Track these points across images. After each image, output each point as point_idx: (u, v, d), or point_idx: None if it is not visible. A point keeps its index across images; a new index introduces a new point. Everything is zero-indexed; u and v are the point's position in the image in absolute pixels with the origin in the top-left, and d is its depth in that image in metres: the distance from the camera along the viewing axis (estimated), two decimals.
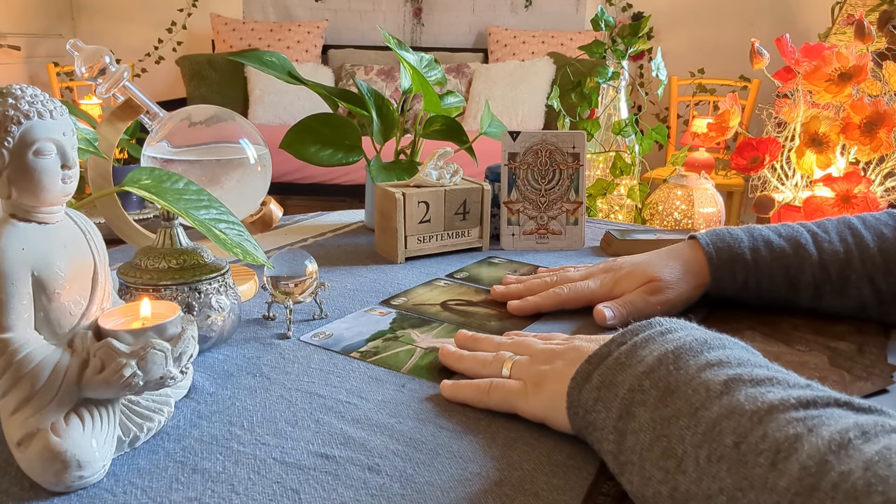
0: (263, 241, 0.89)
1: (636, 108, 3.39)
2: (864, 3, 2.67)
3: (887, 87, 1.12)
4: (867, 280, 0.61)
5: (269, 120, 3.55)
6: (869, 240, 0.62)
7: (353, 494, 0.39)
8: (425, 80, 0.87)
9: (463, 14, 4.04)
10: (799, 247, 0.63)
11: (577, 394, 0.42)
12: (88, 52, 0.63)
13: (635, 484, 0.37)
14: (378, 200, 0.83)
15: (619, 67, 1.38)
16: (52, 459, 0.37)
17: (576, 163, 0.87)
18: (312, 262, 0.62)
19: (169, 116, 0.70)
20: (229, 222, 0.55)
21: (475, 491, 0.39)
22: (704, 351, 0.39)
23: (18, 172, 0.38)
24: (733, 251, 0.64)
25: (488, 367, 0.51)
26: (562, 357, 0.47)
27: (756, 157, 1.18)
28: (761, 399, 0.34)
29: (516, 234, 0.88)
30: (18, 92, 0.38)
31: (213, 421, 0.46)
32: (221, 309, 0.55)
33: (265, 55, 0.86)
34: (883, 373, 0.54)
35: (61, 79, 3.85)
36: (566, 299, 0.66)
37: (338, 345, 0.58)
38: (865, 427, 0.30)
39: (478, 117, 3.47)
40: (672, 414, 0.36)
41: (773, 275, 0.63)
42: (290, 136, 0.87)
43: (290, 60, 0.89)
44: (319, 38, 3.90)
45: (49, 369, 0.38)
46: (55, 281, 0.39)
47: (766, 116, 1.28)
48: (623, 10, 3.79)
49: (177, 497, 0.38)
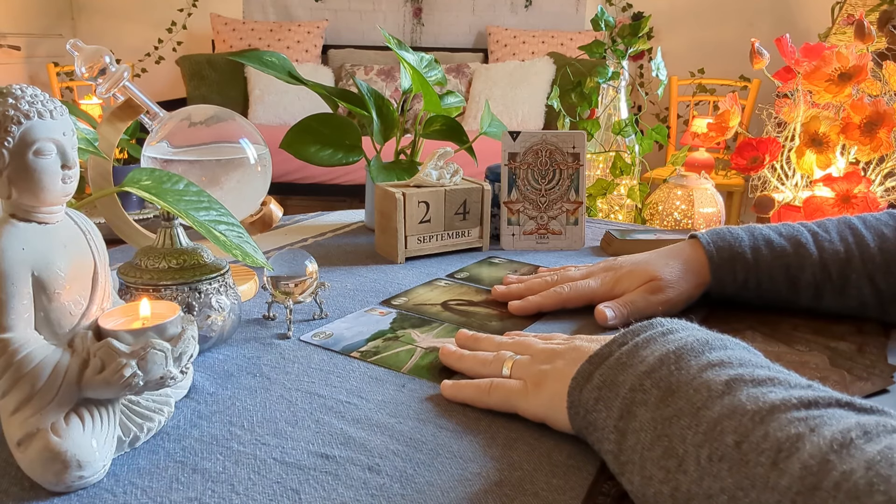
0: (263, 241, 0.89)
1: (636, 108, 3.39)
2: (864, 3, 2.67)
3: (887, 87, 1.12)
4: (867, 280, 0.61)
5: (269, 120, 3.55)
6: (869, 239, 0.62)
7: (353, 494, 0.39)
8: (425, 80, 0.87)
9: (463, 14, 4.04)
10: (799, 246, 0.63)
11: (578, 394, 0.42)
12: (88, 52, 0.63)
13: (636, 484, 0.37)
14: (378, 200, 0.83)
15: (619, 67, 1.37)
16: (52, 459, 0.37)
17: (576, 163, 0.87)
18: (312, 262, 0.62)
19: (169, 116, 0.70)
20: (229, 224, 0.55)
21: (475, 491, 0.39)
22: (706, 351, 0.39)
23: (18, 172, 0.38)
24: (734, 250, 0.64)
25: (489, 366, 0.51)
26: (562, 357, 0.47)
27: (756, 157, 1.18)
28: (763, 399, 0.34)
29: (516, 234, 0.88)
30: (18, 92, 0.38)
31: (214, 421, 0.46)
32: (221, 309, 0.55)
33: (265, 55, 0.86)
34: (883, 373, 0.54)
35: (61, 79, 3.85)
36: (567, 298, 0.66)
37: (338, 344, 0.58)
38: (867, 427, 0.30)
39: (478, 117, 3.47)
40: (673, 413, 0.36)
41: (774, 274, 0.63)
42: (290, 136, 0.88)
43: (290, 60, 0.89)
44: (319, 38, 3.90)
45: (49, 369, 0.38)
46: (55, 281, 0.39)
47: (766, 116, 1.28)
48: (623, 10, 3.79)
49: (177, 497, 0.38)
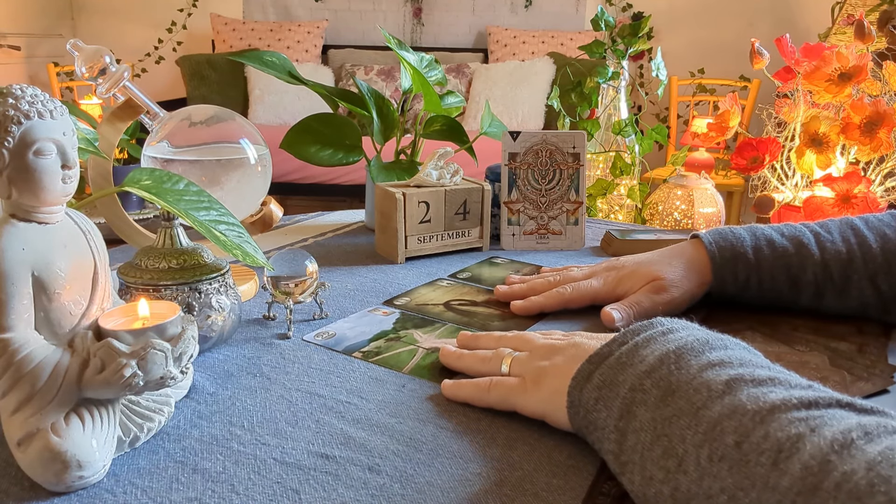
0: (263, 241, 0.89)
1: (636, 108, 3.39)
2: (864, 3, 2.67)
3: (887, 87, 1.12)
4: (869, 280, 0.61)
5: (269, 120, 3.55)
6: (871, 240, 0.62)
7: (353, 494, 0.39)
8: (425, 80, 0.87)
9: (463, 14, 4.04)
10: (801, 246, 0.63)
11: (578, 393, 0.42)
12: (88, 52, 0.63)
13: (636, 483, 0.37)
14: (378, 200, 0.83)
15: (619, 67, 1.37)
16: (53, 459, 0.37)
17: (576, 163, 0.87)
18: (313, 262, 0.62)
19: (169, 116, 0.70)
20: (229, 224, 0.55)
21: (475, 491, 0.39)
22: (706, 351, 0.39)
23: (18, 172, 0.38)
24: (736, 250, 0.64)
25: (487, 363, 0.51)
26: (562, 353, 0.47)
27: (756, 157, 1.18)
28: (763, 399, 0.34)
29: (516, 234, 0.88)
30: (18, 92, 0.38)
31: (214, 421, 0.46)
32: (221, 309, 0.55)
33: (265, 55, 0.86)
34: (883, 373, 0.54)
35: (61, 79, 3.85)
36: (570, 299, 0.66)
37: (340, 344, 0.58)
38: (868, 427, 0.30)
39: (478, 117, 3.47)
40: (673, 413, 0.36)
41: (775, 274, 0.63)
42: (290, 136, 0.87)
43: (290, 60, 0.89)
44: (319, 38, 3.90)
45: (49, 369, 0.38)
46: (55, 281, 0.39)
47: (766, 116, 1.28)
48: (623, 10, 3.79)
49: (177, 497, 0.38)
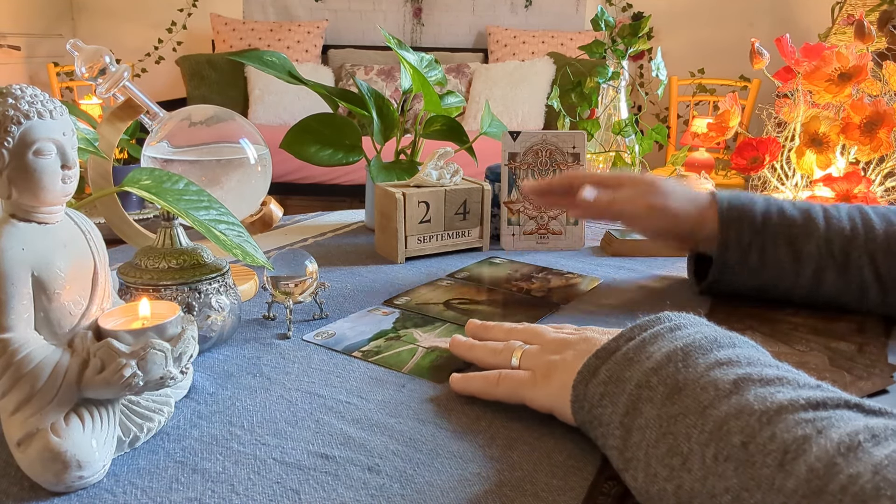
0: (263, 241, 0.89)
1: (636, 108, 3.39)
2: (864, 3, 2.67)
3: (887, 87, 1.12)
4: (868, 258, 0.62)
5: (269, 120, 3.55)
6: (877, 223, 0.63)
7: (353, 495, 0.39)
8: (426, 80, 0.87)
9: (463, 14, 4.04)
10: (809, 219, 0.64)
11: (584, 388, 0.42)
12: (88, 52, 0.63)
13: (640, 480, 0.36)
14: (378, 200, 0.83)
15: (619, 67, 1.37)
16: (52, 459, 0.37)
17: (576, 163, 0.87)
18: (312, 262, 0.62)
19: (169, 116, 0.70)
20: (229, 223, 0.55)
21: (475, 491, 0.39)
22: (714, 349, 0.39)
23: (18, 172, 0.38)
24: (745, 208, 0.65)
25: (498, 355, 0.51)
26: (573, 347, 0.47)
27: (756, 157, 1.17)
28: (770, 399, 0.33)
29: (516, 234, 0.88)
30: (18, 92, 0.38)
31: (213, 421, 0.46)
32: (221, 309, 0.55)
33: (265, 55, 0.86)
34: (883, 373, 0.54)
35: (61, 79, 3.85)
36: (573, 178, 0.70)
37: (340, 344, 0.58)
38: (875, 430, 0.30)
39: (478, 117, 3.47)
40: (679, 411, 0.36)
41: (778, 241, 0.64)
42: (290, 136, 0.87)
43: (290, 60, 0.89)
44: (319, 38, 3.90)
45: (49, 369, 0.38)
46: (55, 281, 0.39)
47: (766, 116, 1.28)
48: (623, 10, 3.79)
49: (177, 497, 0.38)
